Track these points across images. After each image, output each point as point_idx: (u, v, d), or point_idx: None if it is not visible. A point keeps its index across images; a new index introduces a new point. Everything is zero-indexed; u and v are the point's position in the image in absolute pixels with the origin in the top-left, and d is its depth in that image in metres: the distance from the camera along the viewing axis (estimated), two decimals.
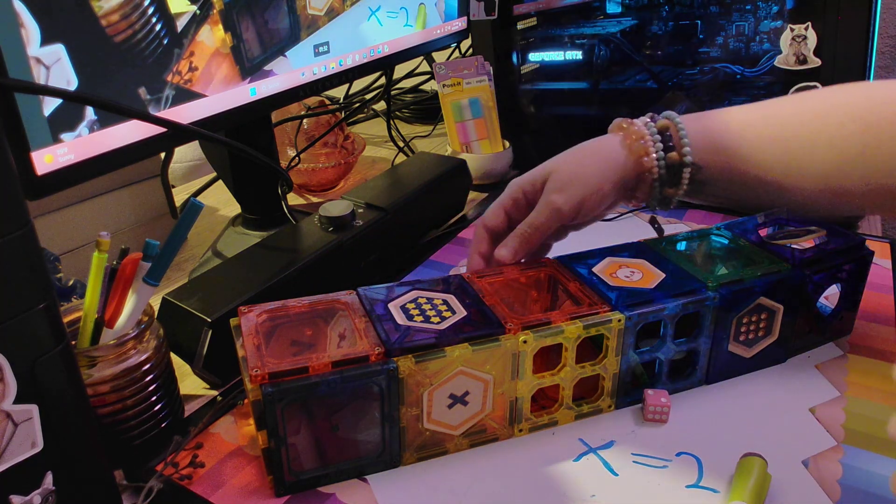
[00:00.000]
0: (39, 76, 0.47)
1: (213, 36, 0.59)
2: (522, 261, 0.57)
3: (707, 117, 0.54)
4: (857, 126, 0.50)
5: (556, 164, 0.56)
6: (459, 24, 0.95)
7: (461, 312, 0.49)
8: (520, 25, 0.97)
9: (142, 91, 0.55)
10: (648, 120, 0.55)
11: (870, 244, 0.58)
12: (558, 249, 0.59)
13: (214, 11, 0.59)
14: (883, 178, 0.50)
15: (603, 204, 0.56)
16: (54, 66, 0.48)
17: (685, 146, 0.53)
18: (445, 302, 0.50)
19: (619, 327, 0.49)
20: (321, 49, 0.72)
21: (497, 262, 0.56)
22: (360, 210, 0.71)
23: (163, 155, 0.79)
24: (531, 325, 0.48)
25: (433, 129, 1.20)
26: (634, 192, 0.57)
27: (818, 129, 0.50)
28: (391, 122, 1.07)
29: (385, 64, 0.83)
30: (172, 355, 0.54)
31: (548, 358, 0.50)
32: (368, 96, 1.16)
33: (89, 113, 0.51)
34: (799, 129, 0.51)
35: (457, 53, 1.18)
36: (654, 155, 0.53)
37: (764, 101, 0.54)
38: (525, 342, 0.47)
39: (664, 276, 0.54)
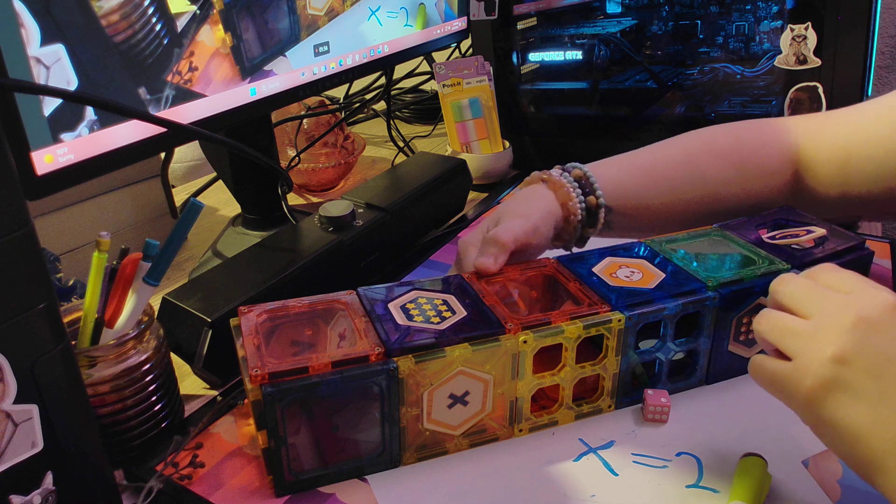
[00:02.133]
0: (39, 76, 0.47)
1: (213, 36, 0.59)
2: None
3: (610, 166, 0.65)
4: (723, 162, 0.64)
5: (504, 207, 0.61)
6: (459, 24, 0.95)
7: (461, 312, 0.49)
8: (520, 25, 0.97)
9: (142, 91, 0.55)
10: (562, 171, 0.63)
11: (870, 244, 0.58)
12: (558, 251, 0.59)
13: (214, 11, 0.59)
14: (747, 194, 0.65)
15: (545, 236, 0.60)
16: (54, 66, 0.48)
17: (598, 190, 0.62)
18: (445, 302, 0.50)
19: (618, 327, 0.49)
20: (321, 49, 0.72)
21: (482, 273, 0.55)
22: (360, 210, 0.71)
23: (163, 155, 0.79)
24: (531, 325, 0.48)
25: (433, 129, 1.20)
26: (561, 233, 0.62)
27: (694, 167, 0.64)
28: (391, 122, 1.07)
29: (385, 64, 0.83)
30: (172, 355, 0.54)
31: (548, 358, 0.50)
32: (368, 96, 1.16)
33: (89, 113, 0.51)
34: (680, 168, 0.65)
35: (457, 53, 1.18)
36: (577, 199, 0.61)
37: (650, 147, 0.67)
38: (525, 342, 0.47)
39: (664, 275, 0.54)
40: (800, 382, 0.37)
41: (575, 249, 0.64)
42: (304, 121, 0.95)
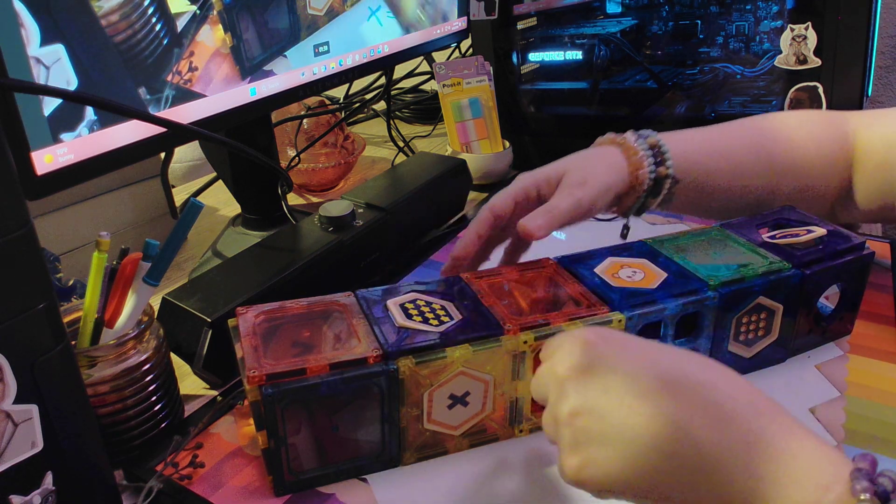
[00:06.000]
0: (39, 76, 0.47)
1: (213, 36, 0.59)
2: (520, 261, 0.57)
3: (682, 139, 0.63)
4: (788, 147, 0.64)
5: (571, 164, 0.59)
6: (459, 24, 0.95)
7: (459, 318, 0.49)
8: (520, 25, 0.97)
9: (142, 91, 0.55)
10: (637, 137, 0.61)
11: (870, 244, 0.58)
12: (559, 249, 0.59)
13: (214, 11, 0.59)
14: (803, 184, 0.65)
15: (603, 205, 0.60)
16: (54, 66, 0.48)
17: (668, 161, 0.60)
18: (444, 308, 0.50)
19: (619, 328, 0.49)
20: (321, 49, 0.72)
21: (524, 234, 0.54)
22: (360, 210, 0.71)
23: (163, 155, 0.79)
24: (530, 325, 0.48)
25: (433, 129, 1.20)
26: (622, 200, 0.62)
27: (761, 151, 0.64)
28: (391, 122, 1.07)
29: (385, 64, 0.83)
30: (172, 355, 0.54)
31: None
32: (368, 96, 1.16)
33: (89, 113, 0.51)
34: (748, 150, 0.64)
35: (457, 53, 1.18)
36: (648, 169, 0.60)
37: (721, 126, 0.66)
38: (526, 342, 0.47)
39: (666, 275, 0.54)
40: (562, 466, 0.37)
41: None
42: (304, 121, 0.95)
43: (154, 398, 0.49)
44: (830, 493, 0.30)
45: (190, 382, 0.58)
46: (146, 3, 0.53)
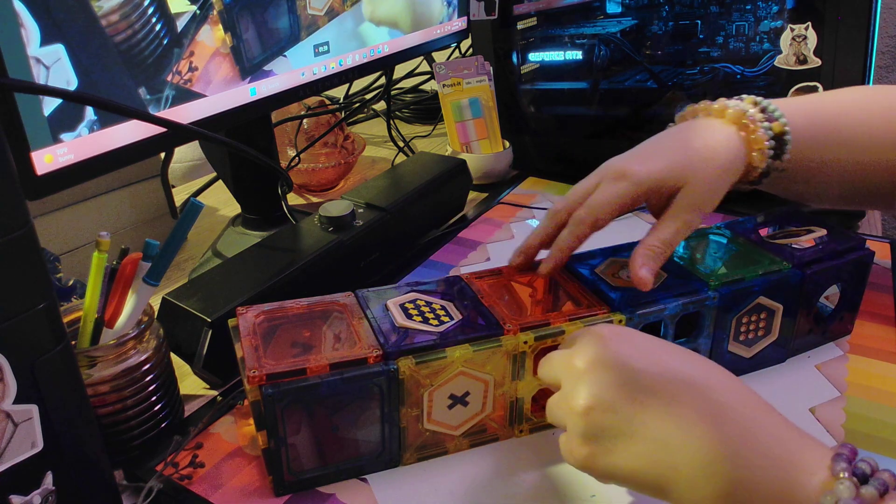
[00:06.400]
0: (39, 76, 0.47)
1: (213, 36, 0.59)
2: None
3: (804, 123, 0.55)
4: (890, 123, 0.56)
5: (692, 175, 0.50)
6: (459, 24, 0.95)
7: (458, 318, 0.49)
8: (520, 25, 0.97)
9: (142, 91, 0.55)
10: (765, 120, 0.53)
11: (870, 244, 0.58)
12: None
13: (214, 11, 0.59)
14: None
15: None
16: (54, 66, 0.48)
17: (786, 154, 0.54)
18: (444, 308, 0.50)
19: None
20: (321, 49, 0.72)
21: (639, 286, 0.49)
22: (360, 210, 0.71)
23: (163, 155, 0.79)
24: (530, 325, 0.48)
25: (433, 129, 1.20)
26: None
27: (869, 131, 0.56)
28: (391, 122, 1.07)
29: (385, 64, 0.83)
30: (172, 355, 0.54)
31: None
32: (368, 96, 1.16)
33: (89, 113, 0.51)
34: (860, 127, 0.56)
35: (457, 53, 1.18)
36: (764, 165, 0.53)
37: (840, 97, 0.58)
38: (525, 343, 0.47)
39: (666, 275, 0.54)
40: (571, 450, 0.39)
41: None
42: (304, 121, 0.95)
43: (154, 398, 0.49)
44: (815, 477, 0.33)
45: (190, 382, 0.58)
46: (146, 3, 0.53)
